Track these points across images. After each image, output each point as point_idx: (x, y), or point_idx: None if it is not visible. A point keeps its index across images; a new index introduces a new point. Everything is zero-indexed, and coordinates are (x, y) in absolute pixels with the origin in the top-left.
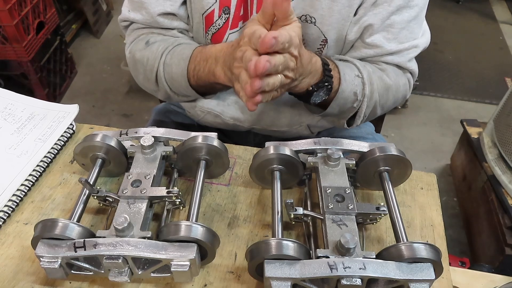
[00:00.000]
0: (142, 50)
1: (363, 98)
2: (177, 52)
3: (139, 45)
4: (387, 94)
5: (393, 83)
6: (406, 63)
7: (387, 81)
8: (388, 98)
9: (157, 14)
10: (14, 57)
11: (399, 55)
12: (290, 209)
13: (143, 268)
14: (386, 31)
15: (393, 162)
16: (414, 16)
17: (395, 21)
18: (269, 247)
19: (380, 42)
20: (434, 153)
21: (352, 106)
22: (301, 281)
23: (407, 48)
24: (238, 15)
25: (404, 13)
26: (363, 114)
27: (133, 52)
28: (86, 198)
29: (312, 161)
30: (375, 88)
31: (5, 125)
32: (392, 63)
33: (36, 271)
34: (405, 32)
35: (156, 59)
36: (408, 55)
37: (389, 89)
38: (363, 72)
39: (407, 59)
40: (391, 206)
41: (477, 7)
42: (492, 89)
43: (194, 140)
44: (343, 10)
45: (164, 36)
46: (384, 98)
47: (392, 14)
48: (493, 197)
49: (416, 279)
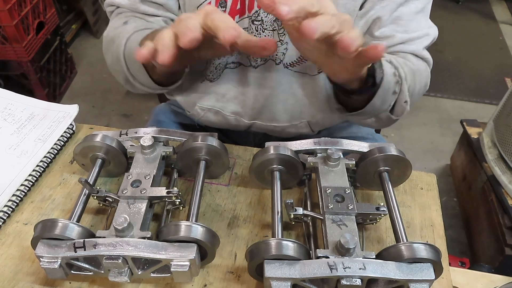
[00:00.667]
0: (118, 28)
1: (401, 79)
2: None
3: (116, 23)
4: (414, 79)
5: (416, 68)
6: (421, 51)
7: (411, 65)
8: (415, 83)
9: (140, 0)
10: (14, 57)
11: (413, 43)
12: (290, 209)
13: (143, 268)
14: (395, 24)
15: (393, 162)
16: (421, 8)
17: (403, 12)
18: (269, 247)
19: (391, 33)
20: (434, 153)
21: (394, 91)
22: (301, 281)
23: (419, 36)
24: (234, 9)
25: (411, 4)
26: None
27: (108, 30)
28: (86, 198)
29: (312, 161)
30: (406, 71)
31: (5, 125)
32: (407, 52)
33: (36, 271)
34: (413, 24)
35: (125, 36)
36: (421, 43)
37: (415, 74)
38: (387, 56)
39: (421, 47)
40: (391, 206)
41: (477, 7)
42: (492, 89)
43: (194, 140)
44: (348, 4)
45: (144, 21)
46: (413, 83)
47: (399, 5)
48: (493, 197)
49: (416, 279)
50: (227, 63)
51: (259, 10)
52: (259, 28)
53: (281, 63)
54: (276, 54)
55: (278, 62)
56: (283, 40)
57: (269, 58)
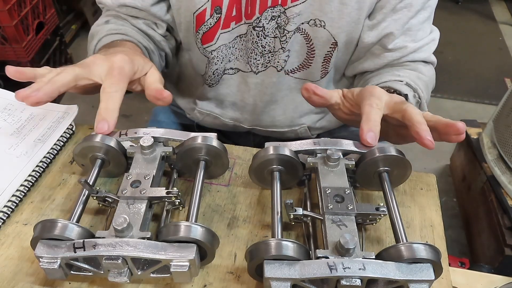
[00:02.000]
0: (99, 26)
1: (420, 99)
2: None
3: (100, 21)
4: (428, 91)
5: (428, 78)
6: (430, 56)
7: (423, 78)
8: (429, 93)
9: (118, 4)
10: (13, 58)
11: (422, 51)
12: (289, 209)
13: (143, 268)
14: (405, 35)
15: (393, 162)
16: (427, 16)
17: (412, 24)
18: (268, 247)
19: (403, 44)
20: (434, 153)
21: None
22: (300, 282)
23: (427, 43)
24: (230, 16)
25: (419, 15)
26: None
27: (94, 25)
28: (85, 199)
29: (311, 162)
30: (422, 88)
31: (4, 126)
32: (418, 60)
33: (35, 271)
34: (421, 32)
35: (99, 37)
36: (429, 49)
37: (428, 86)
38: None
39: (429, 53)
40: (390, 206)
41: (477, 7)
42: (491, 90)
43: (193, 140)
44: (353, 12)
45: (126, 23)
46: (428, 95)
47: (410, 18)
48: (492, 197)
49: (416, 280)
50: (225, 69)
51: (260, 16)
52: (260, 34)
53: (283, 70)
54: (277, 61)
55: (279, 68)
56: (285, 48)
57: (270, 65)
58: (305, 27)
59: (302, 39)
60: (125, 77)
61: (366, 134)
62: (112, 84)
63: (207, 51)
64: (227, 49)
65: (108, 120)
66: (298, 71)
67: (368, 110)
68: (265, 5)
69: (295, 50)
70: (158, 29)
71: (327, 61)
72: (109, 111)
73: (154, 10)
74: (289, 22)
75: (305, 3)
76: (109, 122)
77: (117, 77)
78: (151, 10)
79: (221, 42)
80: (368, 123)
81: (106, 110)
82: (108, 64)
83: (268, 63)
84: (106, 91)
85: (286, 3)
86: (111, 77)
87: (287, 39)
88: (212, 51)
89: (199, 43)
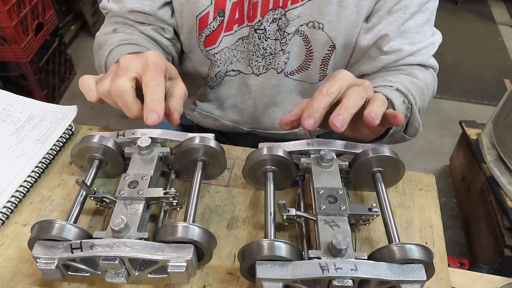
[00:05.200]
0: (107, 35)
1: (411, 105)
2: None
3: (107, 29)
4: (423, 97)
5: (423, 83)
6: (428, 60)
7: (418, 83)
8: (425, 99)
9: (127, 10)
10: (13, 58)
11: (419, 54)
12: (282, 210)
13: (140, 269)
14: (401, 37)
15: (386, 163)
16: (426, 20)
17: (409, 26)
18: (261, 248)
19: (399, 47)
20: (433, 154)
21: (406, 115)
22: (292, 282)
23: (425, 46)
24: (233, 18)
25: (416, 18)
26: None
27: (99, 33)
28: (83, 199)
29: (305, 162)
30: (415, 94)
31: (3, 126)
32: (415, 63)
33: (34, 272)
34: (419, 35)
35: (109, 47)
36: (428, 53)
37: (423, 91)
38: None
39: (428, 56)
40: (383, 207)
41: (476, 8)
42: (490, 91)
43: (191, 141)
44: (351, 16)
45: (134, 30)
46: (423, 101)
47: (406, 20)
48: (492, 198)
49: (408, 280)
50: (227, 71)
51: (262, 19)
52: (261, 36)
53: (282, 72)
54: (278, 63)
55: (279, 71)
56: (285, 50)
57: (271, 67)
58: (304, 29)
59: (301, 41)
60: (162, 70)
61: (303, 120)
62: (153, 78)
63: (210, 54)
64: (230, 52)
65: (158, 110)
66: (297, 73)
67: (315, 95)
68: (266, 8)
69: (294, 52)
70: (166, 34)
71: (325, 63)
72: (156, 102)
73: (161, 14)
74: (289, 24)
75: (304, 6)
76: (158, 113)
77: (155, 71)
78: (157, 14)
79: (224, 44)
80: (309, 109)
81: (153, 101)
82: (143, 60)
83: (269, 65)
84: (148, 85)
85: (287, 6)
86: (149, 71)
87: (287, 41)
88: (215, 53)
89: (201, 46)
